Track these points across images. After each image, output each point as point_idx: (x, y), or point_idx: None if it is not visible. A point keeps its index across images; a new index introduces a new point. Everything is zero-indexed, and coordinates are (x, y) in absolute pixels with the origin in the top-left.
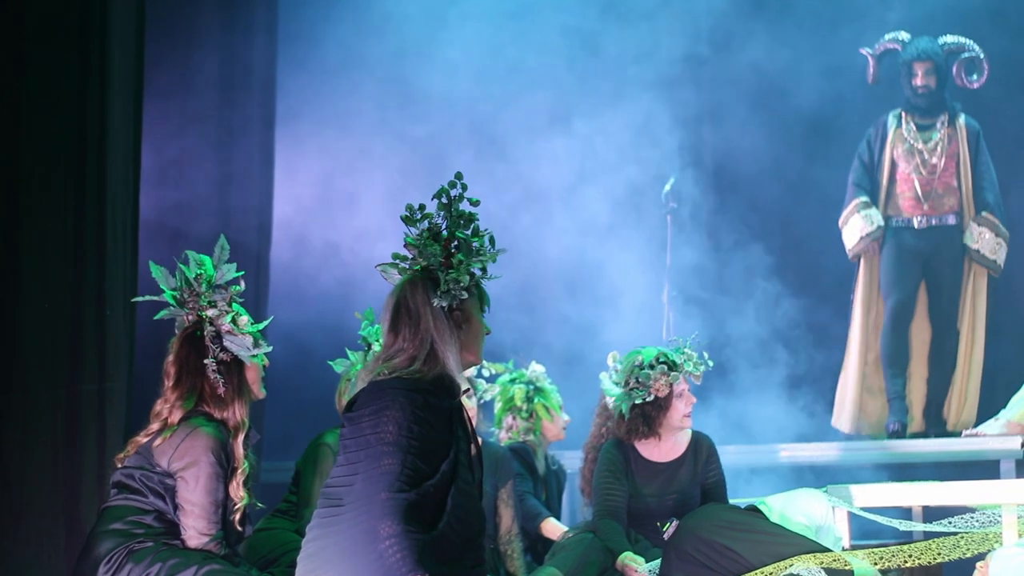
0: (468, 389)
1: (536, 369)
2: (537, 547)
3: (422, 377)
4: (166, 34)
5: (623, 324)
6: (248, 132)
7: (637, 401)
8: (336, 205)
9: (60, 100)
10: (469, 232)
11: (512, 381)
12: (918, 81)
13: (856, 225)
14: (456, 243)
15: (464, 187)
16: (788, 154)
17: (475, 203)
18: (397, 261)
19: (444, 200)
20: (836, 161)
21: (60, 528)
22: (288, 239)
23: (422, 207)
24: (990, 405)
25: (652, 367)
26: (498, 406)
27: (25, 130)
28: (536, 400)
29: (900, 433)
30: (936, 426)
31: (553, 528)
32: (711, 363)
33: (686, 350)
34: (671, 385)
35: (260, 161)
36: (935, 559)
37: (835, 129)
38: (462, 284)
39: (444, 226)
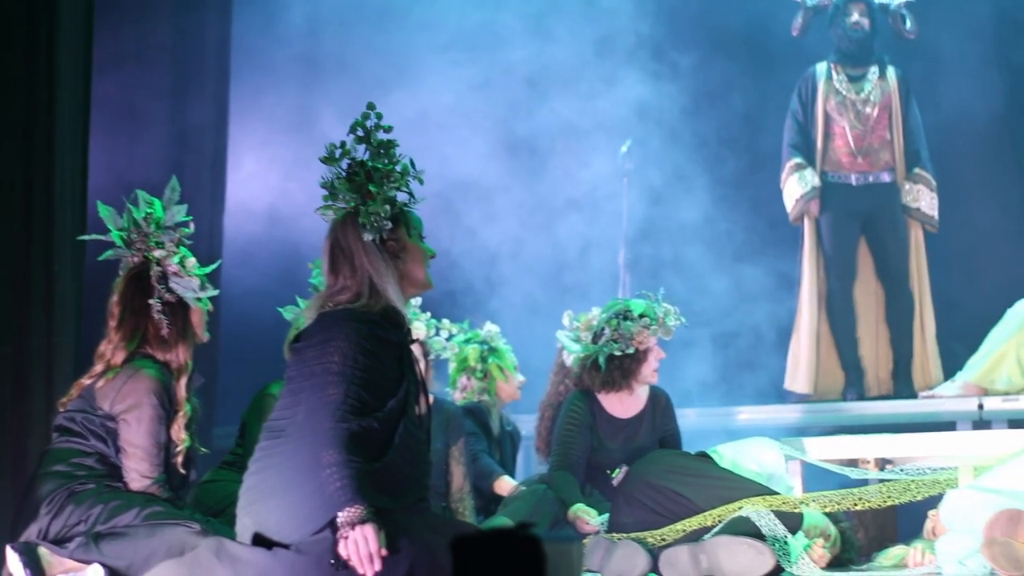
0: (417, 339)
1: (491, 329)
2: (491, 507)
3: (369, 309)
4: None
5: (579, 287)
6: (202, 96)
7: (616, 353)
8: (289, 169)
9: (8, 59)
10: (388, 160)
11: (467, 341)
12: (853, 19)
13: (791, 188)
14: (367, 173)
15: (379, 115)
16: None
17: (388, 129)
18: (330, 202)
19: (360, 133)
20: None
21: (8, 484)
22: (240, 204)
23: (342, 144)
24: (952, 365)
25: (635, 320)
26: (452, 366)
27: None
28: (490, 360)
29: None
30: (906, 387)
31: (507, 486)
32: (684, 320)
33: (665, 305)
34: (649, 339)
35: (214, 124)
36: (885, 502)
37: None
38: (383, 215)
39: (368, 159)
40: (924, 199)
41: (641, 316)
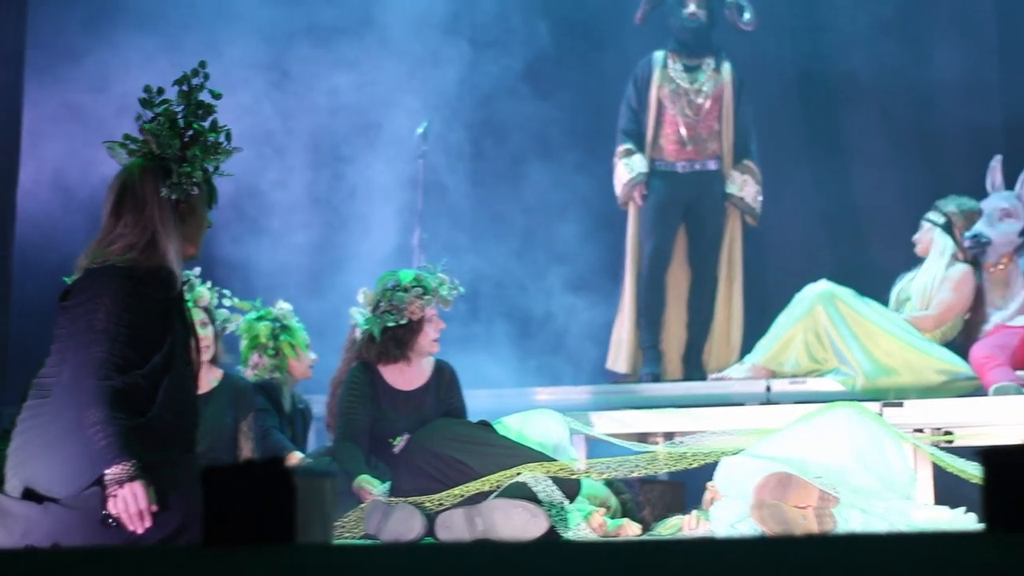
0: (187, 282)
1: (283, 307)
2: None
3: (136, 265)
4: None
5: (372, 267)
6: None
7: (389, 324)
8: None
9: None
10: (207, 125)
11: (258, 319)
12: (690, 9)
13: (619, 173)
14: (192, 134)
15: (207, 76)
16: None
17: (217, 96)
18: (127, 142)
19: (185, 88)
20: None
21: None
22: (36, 180)
23: (161, 91)
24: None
25: (407, 290)
26: (244, 343)
27: None
28: (282, 338)
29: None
30: (695, 372)
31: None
32: (462, 289)
33: (439, 275)
34: (424, 309)
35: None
36: (660, 470)
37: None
38: (194, 179)
39: (181, 114)
40: (749, 190)
41: (414, 286)
